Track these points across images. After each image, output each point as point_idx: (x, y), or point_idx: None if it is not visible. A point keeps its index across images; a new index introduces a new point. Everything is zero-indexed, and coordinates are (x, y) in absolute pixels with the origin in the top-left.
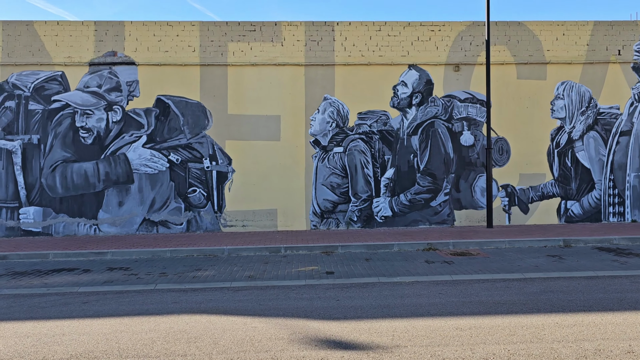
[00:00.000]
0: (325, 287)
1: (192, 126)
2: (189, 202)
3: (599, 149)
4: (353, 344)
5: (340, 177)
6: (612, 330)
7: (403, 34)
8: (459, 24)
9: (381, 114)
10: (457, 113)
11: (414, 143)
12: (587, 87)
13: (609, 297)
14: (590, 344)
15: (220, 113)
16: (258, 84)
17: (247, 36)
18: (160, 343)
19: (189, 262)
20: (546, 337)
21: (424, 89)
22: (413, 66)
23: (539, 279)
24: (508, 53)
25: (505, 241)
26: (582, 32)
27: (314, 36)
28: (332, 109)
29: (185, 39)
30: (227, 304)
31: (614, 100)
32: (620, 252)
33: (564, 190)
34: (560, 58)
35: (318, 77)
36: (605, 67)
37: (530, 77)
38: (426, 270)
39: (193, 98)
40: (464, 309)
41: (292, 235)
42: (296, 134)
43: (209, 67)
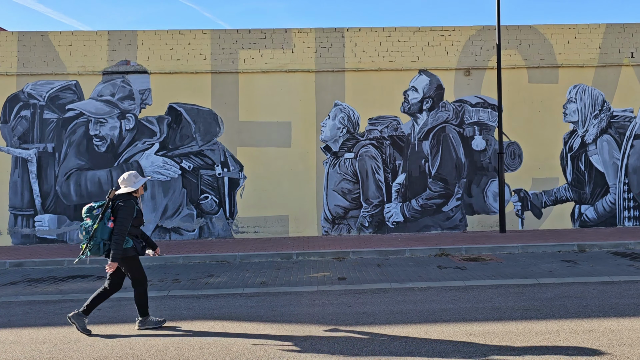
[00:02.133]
0: (337, 293)
1: (203, 133)
2: (201, 209)
3: (612, 153)
4: (366, 350)
5: (351, 182)
6: (629, 336)
7: (413, 40)
8: (469, 29)
9: (392, 119)
10: (469, 118)
11: (425, 148)
12: (600, 91)
13: (625, 303)
14: (606, 350)
15: (231, 120)
16: (269, 90)
17: (257, 43)
18: (174, 349)
19: (201, 269)
20: (561, 343)
21: (435, 94)
22: (423, 71)
23: (553, 284)
24: (519, 57)
25: (519, 246)
26: (594, 35)
27: (324, 42)
28: (342, 114)
29: (197, 47)
30: (240, 310)
31: (628, 103)
32: (636, 257)
33: (577, 194)
34: (572, 61)
35: (328, 83)
36: (618, 69)
37: (542, 81)
38: (438, 275)
39: (204, 105)
40: (477, 315)
41: (303, 241)
42: (307, 140)
43: (220, 74)
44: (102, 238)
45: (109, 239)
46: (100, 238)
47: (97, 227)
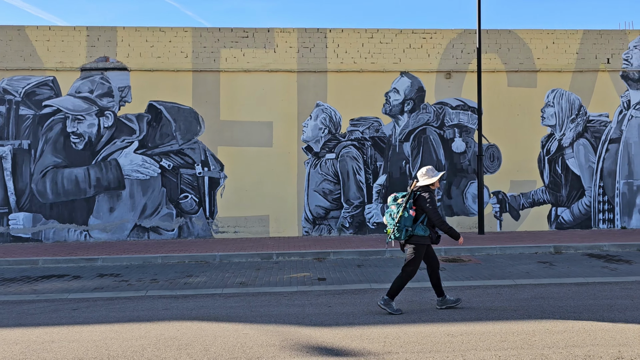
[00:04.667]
0: (317, 294)
1: (184, 132)
2: (180, 208)
3: (588, 156)
4: (344, 350)
5: (332, 183)
6: (602, 336)
7: (395, 41)
8: (450, 32)
9: (373, 120)
10: (449, 120)
11: (406, 149)
12: (577, 95)
13: (599, 304)
14: (580, 350)
15: (212, 119)
16: (250, 90)
17: (239, 42)
18: (151, 350)
19: (180, 269)
20: (537, 343)
21: (416, 96)
22: (405, 73)
23: (529, 285)
24: (499, 61)
25: (497, 247)
26: (572, 41)
27: (306, 43)
28: (324, 115)
29: (178, 45)
30: (219, 311)
31: (604, 108)
32: (610, 259)
33: (554, 197)
34: (550, 66)
35: (310, 84)
36: (594, 75)
37: (520, 84)
38: (417, 276)
39: (185, 104)
40: (455, 315)
41: (284, 242)
42: (288, 140)
43: (201, 73)
44: (405, 225)
45: (411, 226)
46: (403, 225)
47: (401, 215)
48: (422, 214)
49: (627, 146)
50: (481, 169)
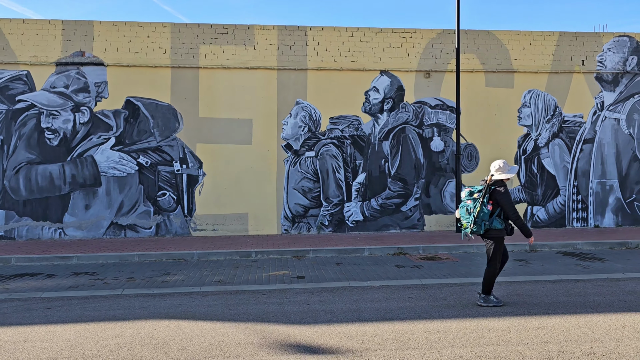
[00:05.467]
0: (295, 292)
1: (162, 129)
2: (158, 206)
3: (563, 156)
4: (323, 348)
5: (311, 181)
6: (575, 332)
7: (375, 40)
8: (429, 32)
9: (353, 119)
10: (428, 119)
11: (385, 148)
12: (553, 96)
13: (573, 301)
14: (554, 346)
15: (191, 116)
16: (230, 87)
17: (219, 39)
18: (127, 349)
19: (157, 267)
20: (512, 340)
21: (395, 95)
22: (385, 72)
23: (505, 283)
24: (477, 61)
25: (474, 246)
26: (548, 42)
27: (286, 40)
28: (304, 113)
29: (156, 41)
30: (196, 309)
31: (578, 109)
32: (583, 257)
33: (530, 196)
34: (527, 67)
35: (290, 82)
36: (569, 76)
37: (498, 85)
38: (396, 274)
39: (163, 100)
40: (432, 313)
41: (263, 240)
42: (268, 137)
43: (180, 69)
44: (483, 219)
45: (488, 220)
46: (481, 219)
47: (478, 209)
48: (497, 207)
49: (600, 147)
50: (459, 167)
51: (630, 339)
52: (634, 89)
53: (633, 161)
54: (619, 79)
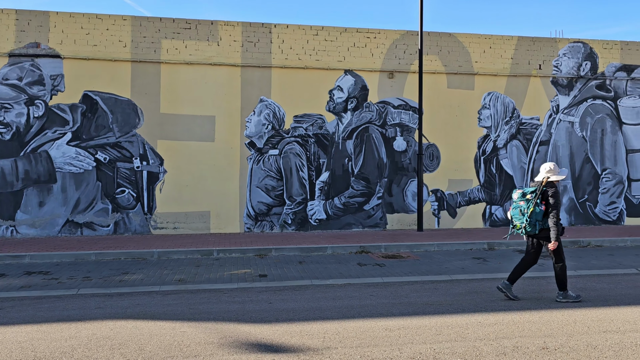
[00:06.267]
0: (257, 290)
1: (121, 124)
2: (116, 203)
3: (520, 157)
4: (284, 346)
5: (275, 179)
6: (529, 328)
7: (340, 40)
8: (393, 33)
9: (317, 117)
10: (391, 119)
11: (349, 147)
12: (511, 99)
13: (528, 297)
14: (509, 342)
15: (152, 112)
16: (193, 83)
17: (181, 34)
18: (82, 350)
19: (115, 266)
20: (469, 336)
21: (359, 95)
22: (349, 71)
23: (464, 280)
24: (439, 63)
25: (434, 244)
26: (507, 46)
27: (251, 37)
28: (268, 111)
29: (116, 34)
30: (156, 309)
31: (535, 111)
32: None
33: (489, 195)
34: (487, 70)
35: (255, 79)
36: (527, 80)
37: (459, 86)
38: (358, 272)
39: (123, 95)
40: (393, 310)
41: (225, 238)
42: (231, 135)
43: (140, 63)
44: (537, 219)
45: (542, 220)
46: (535, 219)
47: (532, 210)
48: (549, 207)
49: (555, 148)
50: (421, 167)
51: (581, 334)
52: (587, 94)
53: (585, 163)
54: (573, 83)
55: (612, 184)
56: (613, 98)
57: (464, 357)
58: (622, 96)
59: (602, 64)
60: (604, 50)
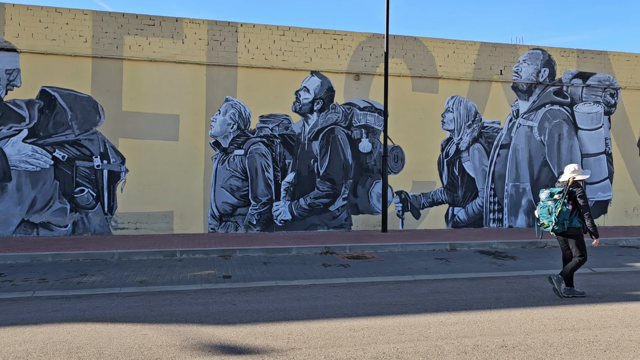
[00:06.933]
0: (221, 292)
1: (81, 122)
2: (75, 203)
3: (482, 160)
4: (248, 348)
5: (240, 180)
6: (489, 326)
7: (306, 40)
8: (360, 35)
9: (283, 118)
10: (357, 121)
11: (315, 148)
12: (474, 103)
13: (488, 297)
14: (469, 340)
15: (113, 109)
16: (156, 81)
17: (145, 30)
18: (37, 355)
19: (73, 267)
20: (432, 335)
21: (326, 96)
22: (315, 73)
23: (427, 280)
24: (405, 66)
25: (398, 245)
26: (470, 52)
27: (216, 36)
28: (233, 110)
29: (76, 28)
30: (116, 311)
31: (496, 115)
32: (498, 255)
33: (451, 197)
34: (450, 74)
35: (220, 78)
36: (489, 85)
37: (424, 90)
38: (323, 273)
39: (83, 92)
40: (357, 311)
41: (188, 239)
42: (196, 134)
43: (102, 59)
44: (564, 218)
45: (569, 219)
46: (562, 218)
47: (560, 209)
48: (575, 207)
49: (515, 152)
50: (386, 169)
51: (538, 332)
52: (545, 99)
53: (543, 166)
54: (532, 89)
55: None
56: (569, 104)
57: (426, 356)
58: (578, 102)
59: (560, 70)
60: (562, 58)
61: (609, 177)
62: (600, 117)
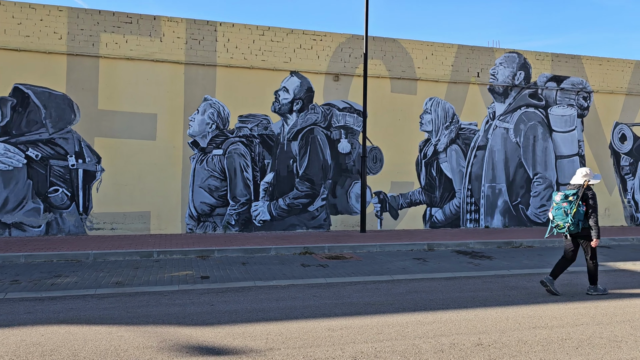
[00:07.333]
0: (199, 292)
1: (55, 120)
2: (49, 203)
3: (459, 161)
4: (226, 349)
5: (218, 180)
6: (465, 325)
7: (286, 41)
8: (339, 36)
9: (262, 118)
10: (336, 121)
11: (294, 148)
12: (451, 104)
13: (464, 296)
14: (446, 339)
15: (89, 108)
16: (133, 79)
17: (122, 28)
18: (9, 358)
19: (47, 268)
20: (409, 334)
21: (305, 96)
22: (295, 73)
23: (405, 280)
24: (383, 67)
25: (377, 245)
26: (448, 54)
27: (195, 34)
28: (212, 110)
29: (51, 25)
30: (91, 313)
31: (473, 117)
32: (474, 255)
33: (429, 198)
34: (429, 76)
35: (199, 77)
36: (466, 87)
37: (402, 91)
38: (302, 273)
39: (58, 90)
40: (336, 310)
41: (166, 239)
42: (174, 134)
43: (77, 57)
44: (579, 219)
45: (583, 219)
46: (577, 219)
47: (575, 211)
48: (589, 208)
49: (491, 153)
50: (365, 169)
51: (513, 330)
52: (521, 102)
53: (519, 167)
54: (508, 91)
55: (543, 188)
56: (544, 106)
57: (404, 355)
58: (552, 105)
59: (535, 74)
60: (537, 61)
61: None
62: (574, 120)
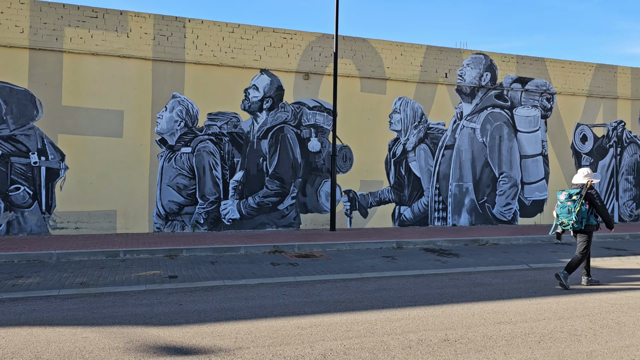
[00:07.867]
0: (167, 292)
1: (16, 116)
2: (10, 202)
3: (428, 160)
4: (195, 348)
5: (187, 178)
6: (433, 321)
7: (256, 38)
8: (309, 35)
9: (232, 116)
10: (306, 120)
11: (264, 147)
12: (420, 104)
13: (432, 293)
14: (414, 335)
15: (52, 104)
16: (99, 75)
17: (87, 22)
18: None
19: (7, 269)
20: (378, 331)
21: (275, 95)
22: (265, 71)
23: (374, 278)
24: (353, 67)
25: (346, 243)
26: (417, 54)
27: (163, 31)
28: (180, 107)
29: (12, 18)
30: (54, 314)
31: (441, 117)
32: (442, 253)
33: (398, 196)
34: (398, 76)
35: (167, 74)
36: (434, 87)
37: (372, 91)
38: (271, 272)
39: (19, 85)
40: (305, 309)
41: (132, 238)
42: (141, 131)
43: (40, 51)
44: (583, 217)
45: (586, 217)
46: (581, 217)
47: (579, 209)
48: (591, 206)
49: (459, 152)
50: (335, 168)
51: (478, 326)
52: (487, 102)
53: (485, 167)
54: (475, 92)
55: (508, 187)
56: (510, 107)
57: (373, 352)
58: (517, 106)
59: (501, 75)
60: (502, 63)
61: (545, 177)
62: (538, 121)
